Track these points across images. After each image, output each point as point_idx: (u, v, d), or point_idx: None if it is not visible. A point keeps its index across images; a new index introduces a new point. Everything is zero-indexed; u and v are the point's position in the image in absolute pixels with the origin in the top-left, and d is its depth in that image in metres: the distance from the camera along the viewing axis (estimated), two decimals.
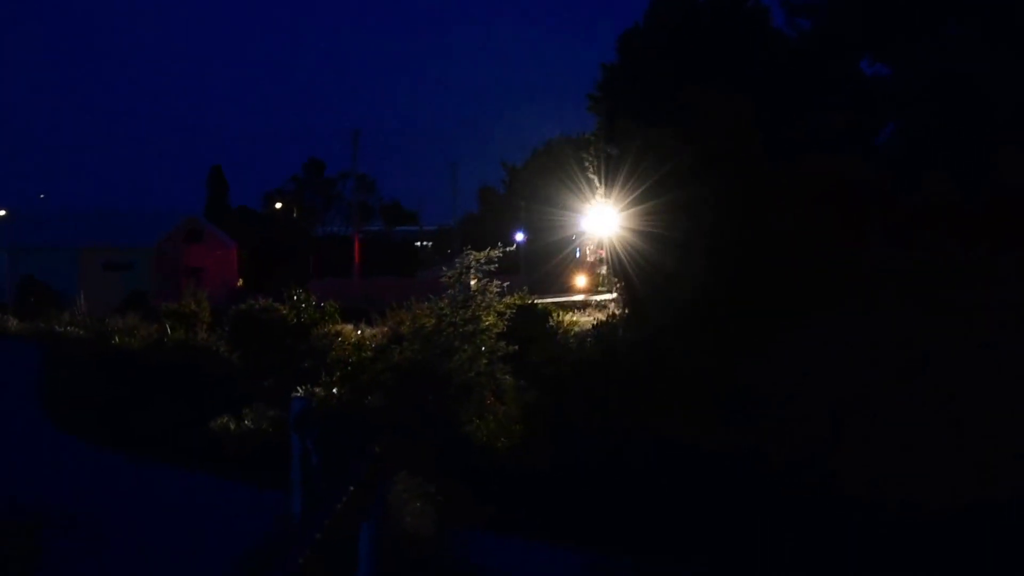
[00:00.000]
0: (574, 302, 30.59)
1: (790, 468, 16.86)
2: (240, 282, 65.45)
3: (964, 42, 24.73)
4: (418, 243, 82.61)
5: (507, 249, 24.55)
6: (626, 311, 24.74)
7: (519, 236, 51.84)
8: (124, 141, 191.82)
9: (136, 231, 62.76)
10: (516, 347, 23.23)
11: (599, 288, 31.61)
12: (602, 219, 27.37)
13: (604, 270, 29.69)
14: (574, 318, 28.40)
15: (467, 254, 24.71)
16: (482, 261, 24.45)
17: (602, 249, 30.50)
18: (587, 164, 28.14)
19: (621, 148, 26.28)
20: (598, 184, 27.09)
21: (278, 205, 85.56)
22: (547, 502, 17.35)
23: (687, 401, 18.64)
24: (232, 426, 22.16)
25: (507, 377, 22.43)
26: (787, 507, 16.19)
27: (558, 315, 27.83)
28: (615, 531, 16.18)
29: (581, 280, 32.79)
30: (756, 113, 23.72)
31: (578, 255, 37.70)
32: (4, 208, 75.54)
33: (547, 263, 37.30)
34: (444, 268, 25.42)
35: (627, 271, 24.85)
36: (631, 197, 24.56)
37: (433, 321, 24.04)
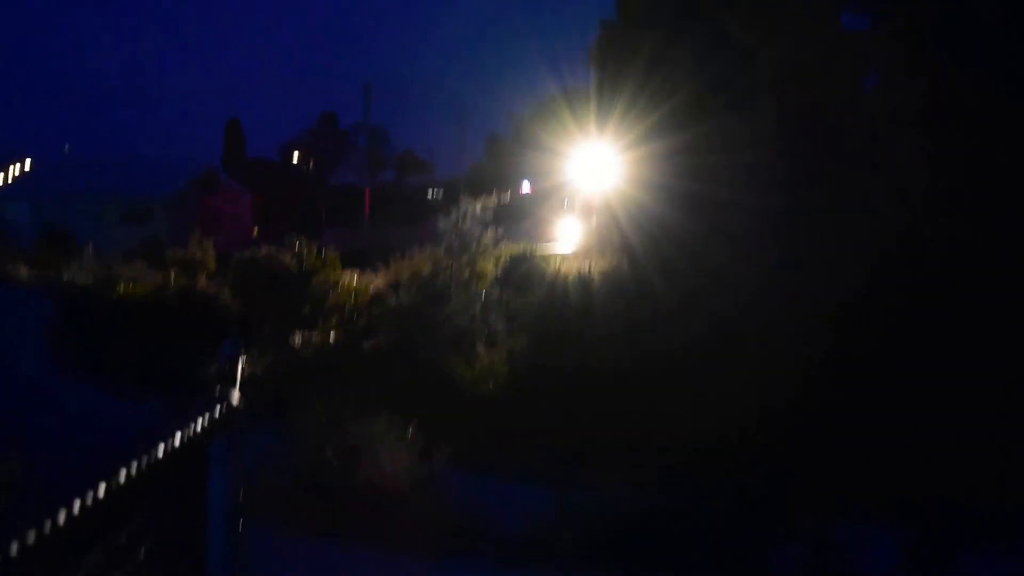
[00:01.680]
0: (570, 251, 30.83)
1: None
2: (256, 231, 65.93)
3: None
4: (430, 192, 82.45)
5: (504, 197, 24.75)
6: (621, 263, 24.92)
7: (524, 185, 52.11)
8: (145, 94, 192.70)
9: (155, 181, 63.06)
10: (510, 294, 23.59)
11: (586, 237, 31.88)
12: (595, 167, 27.62)
13: (594, 220, 29.95)
14: (571, 265, 28.59)
15: (464, 203, 24.98)
16: (479, 210, 24.72)
17: (593, 198, 30.77)
18: (583, 114, 28.31)
19: (616, 92, 26.40)
20: (593, 132, 27.28)
21: (295, 156, 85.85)
22: (526, 442, 17.74)
23: None
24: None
25: (499, 323, 22.76)
26: None
27: (554, 263, 28.04)
28: (583, 470, 16.57)
29: (571, 229, 32.96)
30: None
31: (566, 204, 37.88)
32: (28, 157, 76.35)
33: (544, 211, 37.60)
34: (441, 216, 25.67)
35: (620, 224, 25.11)
36: (626, 142, 24.78)
37: (430, 268, 24.39)
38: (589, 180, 31.47)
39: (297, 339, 23.54)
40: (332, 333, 23.95)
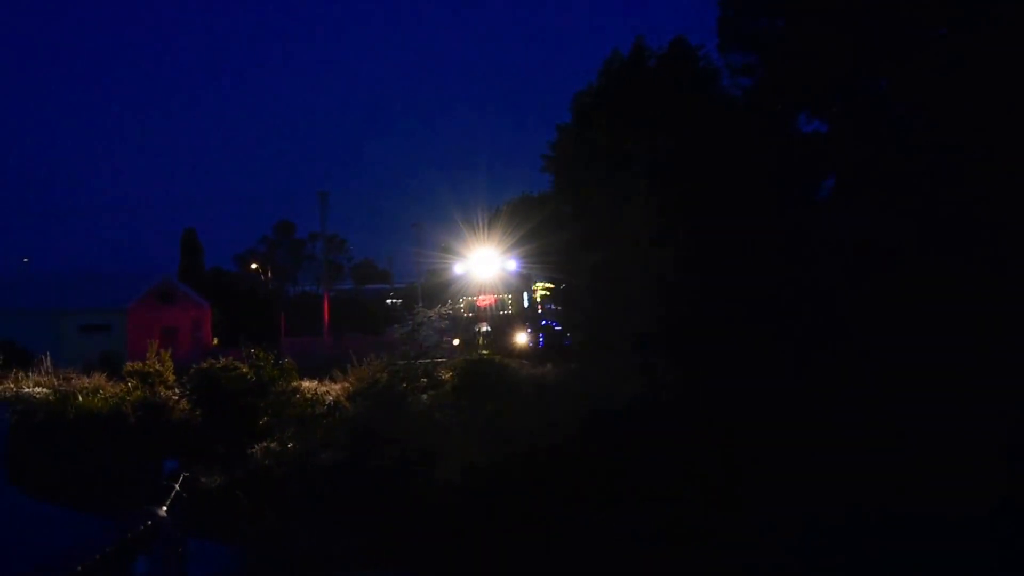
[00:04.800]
0: (529, 353, 31.12)
1: None
2: (215, 341, 65.76)
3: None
4: (388, 300, 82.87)
5: (457, 305, 25.06)
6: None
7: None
8: (102, 206, 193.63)
9: (112, 293, 62.95)
10: (468, 399, 23.69)
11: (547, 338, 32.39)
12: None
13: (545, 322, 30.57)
14: (532, 371, 28.74)
15: (419, 311, 25.23)
16: (434, 318, 24.93)
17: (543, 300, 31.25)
18: (530, 219, 28.98)
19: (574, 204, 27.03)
20: (551, 242, 27.78)
21: (253, 266, 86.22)
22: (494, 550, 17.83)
23: None
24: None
25: (459, 430, 22.78)
26: None
27: (509, 369, 28.18)
28: None
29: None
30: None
31: (520, 306, 38.26)
32: None
33: (497, 315, 37.90)
34: (397, 325, 25.88)
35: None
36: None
37: (386, 376, 24.44)
38: (539, 283, 31.98)
39: (255, 450, 23.49)
40: (289, 444, 23.87)
